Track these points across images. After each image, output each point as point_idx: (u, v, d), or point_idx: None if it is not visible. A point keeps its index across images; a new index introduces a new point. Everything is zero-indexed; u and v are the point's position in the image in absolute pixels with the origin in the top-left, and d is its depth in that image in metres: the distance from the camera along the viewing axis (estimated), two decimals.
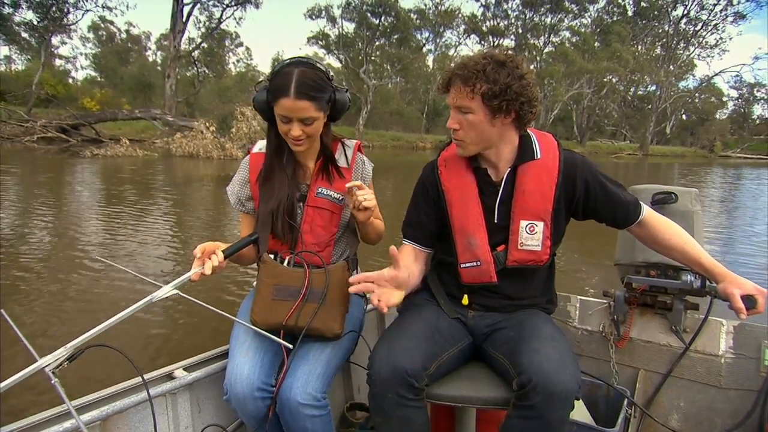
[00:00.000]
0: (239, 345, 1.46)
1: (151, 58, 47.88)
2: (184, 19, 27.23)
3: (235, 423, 1.59)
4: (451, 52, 46.25)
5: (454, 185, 1.48)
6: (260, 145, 1.64)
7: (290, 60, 1.46)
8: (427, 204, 1.53)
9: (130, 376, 1.36)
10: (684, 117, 56.65)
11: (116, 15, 50.16)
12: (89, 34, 45.18)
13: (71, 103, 27.61)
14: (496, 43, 41.45)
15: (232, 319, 1.28)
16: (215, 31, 35.41)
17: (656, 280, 1.78)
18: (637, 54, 42.17)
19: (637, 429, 1.82)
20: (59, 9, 28.77)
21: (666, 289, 1.78)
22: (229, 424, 1.58)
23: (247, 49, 52.59)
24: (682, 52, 47.03)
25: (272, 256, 1.57)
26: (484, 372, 1.44)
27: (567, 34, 43.84)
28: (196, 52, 35.49)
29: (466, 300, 1.52)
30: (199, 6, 30.01)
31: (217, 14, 32.61)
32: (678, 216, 1.65)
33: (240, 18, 42.56)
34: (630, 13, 45.39)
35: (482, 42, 42.95)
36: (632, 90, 48.42)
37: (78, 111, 24.49)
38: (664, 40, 45.59)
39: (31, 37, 32.76)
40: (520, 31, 42.59)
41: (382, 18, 37.54)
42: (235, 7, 31.63)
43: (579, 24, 44.20)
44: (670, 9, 44.28)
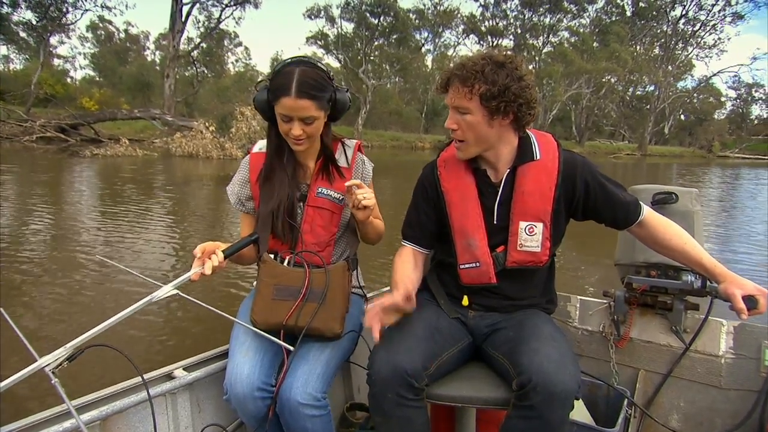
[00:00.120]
0: (239, 345, 1.46)
1: (149, 58, 47.93)
2: (183, 19, 27.24)
3: (235, 423, 1.58)
4: (450, 52, 46.33)
5: (454, 186, 1.47)
6: (260, 145, 1.64)
7: (291, 59, 1.46)
8: (426, 204, 1.53)
9: (130, 375, 1.36)
10: (682, 117, 56.75)
11: (115, 15, 50.18)
12: (88, 34, 45.19)
13: (70, 102, 27.53)
14: (494, 43, 41.49)
15: (232, 319, 1.28)
16: (214, 31, 35.38)
17: (657, 280, 1.77)
18: (635, 54, 42.25)
19: (637, 429, 1.82)
20: (58, 9, 28.73)
21: (666, 290, 1.78)
22: (229, 424, 1.58)
23: (245, 48, 52.75)
24: (680, 52, 47.13)
25: (272, 256, 1.57)
26: (484, 372, 1.43)
27: (566, 34, 44.03)
28: (195, 52, 35.47)
29: (466, 300, 1.52)
30: (198, 6, 30.06)
31: (216, 14, 32.68)
32: (678, 216, 1.65)
33: (239, 18, 42.52)
34: (629, 14, 45.47)
35: (481, 42, 43.02)
36: (631, 90, 48.52)
37: (77, 111, 24.41)
38: (663, 40, 45.68)
39: (29, 37, 32.71)
40: (519, 32, 42.64)
41: (381, 18, 37.58)
42: (235, 7, 31.65)
43: (578, 24, 44.39)
44: (668, 9, 44.40)
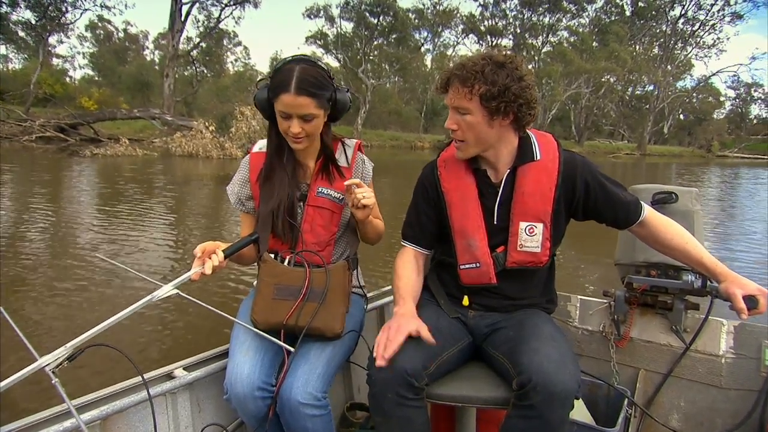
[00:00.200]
0: (239, 344, 1.45)
1: (148, 58, 47.91)
2: (183, 19, 27.22)
3: (235, 422, 1.58)
4: (450, 51, 46.38)
5: (454, 187, 1.47)
6: (260, 145, 1.64)
7: (292, 57, 1.46)
8: (427, 204, 1.53)
9: (130, 375, 1.35)
10: (681, 117, 56.79)
11: (115, 14, 50.14)
12: (87, 33, 45.18)
13: (69, 102, 27.52)
14: (494, 43, 41.49)
15: (232, 320, 1.28)
16: (213, 31, 35.36)
17: (657, 279, 1.77)
18: (634, 54, 42.27)
19: (638, 429, 1.82)
20: (57, 8, 28.71)
21: (667, 289, 1.78)
22: (229, 424, 1.58)
23: (245, 48, 52.62)
24: (679, 52, 47.14)
25: (272, 256, 1.56)
26: (484, 372, 1.43)
27: (565, 33, 44.05)
28: (194, 52, 35.44)
29: (466, 300, 1.52)
30: (198, 5, 30.04)
31: (216, 13, 32.66)
32: (678, 215, 1.65)
33: (239, 17, 42.52)
34: (628, 13, 45.50)
35: (480, 42, 43.05)
36: (630, 90, 48.56)
37: (76, 110, 24.40)
38: (662, 40, 45.70)
39: (28, 36, 32.69)
40: (519, 31, 42.66)
41: (381, 17, 37.60)
42: (234, 7, 31.63)
43: (577, 24, 44.42)
44: (667, 9, 44.42)
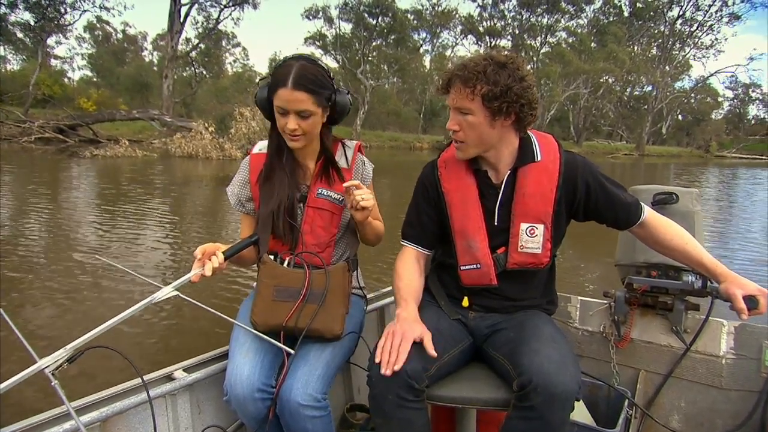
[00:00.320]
0: (239, 346, 1.45)
1: (147, 59, 47.81)
2: (182, 20, 27.20)
3: (235, 424, 1.58)
4: (448, 52, 46.46)
5: (455, 187, 1.47)
6: (260, 146, 1.64)
7: (294, 55, 1.48)
8: (427, 204, 1.53)
9: (130, 377, 1.35)
10: (680, 117, 56.86)
11: (114, 15, 50.00)
12: (85, 34, 45.11)
13: (68, 103, 27.45)
14: (492, 44, 41.51)
15: (232, 321, 1.27)
16: (212, 32, 35.34)
17: (657, 280, 1.77)
18: (633, 54, 42.32)
19: (638, 430, 1.82)
20: (56, 9, 28.68)
21: (667, 290, 1.77)
22: (229, 425, 1.57)
23: (243, 49, 52.56)
24: (677, 52, 47.21)
25: (272, 257, 1.56)
26: (485, 373, 1.43)
27: (563, 34, 44.09)
28: (193, 53, 35.41)
29: (467, 302, 1.51)
30: (197, 6, 30.03)
31: (215, 15, 32.65)
32: (679, 216, 1.65)
33: (237, 18, 42.58)
34: (626, 14, 45.57)
35: (479, 42, 43.10)
36: (628, 90, 48.60)
37: (75, 111, 24.36)
38: (660, 40, 45.77)
39: (26, 37, 32.66)
40: (517, 32, 42.69)
41: (379, 18, 37.60)
42: (233, 8, 31.62)
43: (575, 24, 44.47)
44: (665, 10, 44.48)
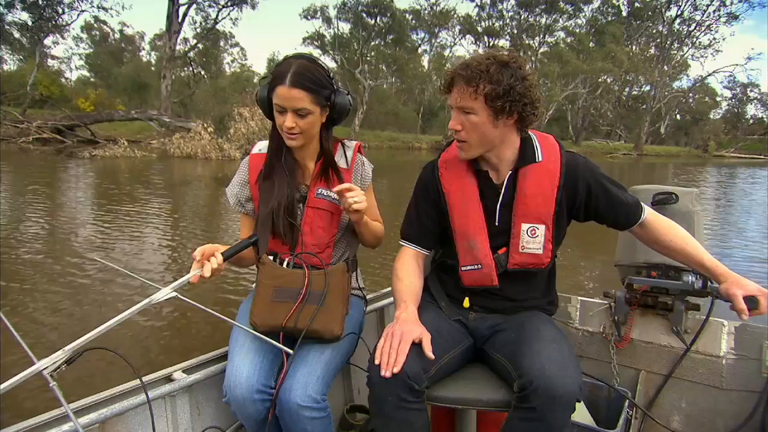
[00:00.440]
0: (238, 347, 1.45)
1: (145, 59, 47.70)
2: (180, 20, 27.14)
3: (235, 425, 1.57)
4: (447, 52, 46.42)
5: (456, 188, 1.46)
6: (260, 146, 1.64)
7: (294, 54, 1.48)
8: (427, 204, 1.52)
9: (129, 378, 1.34)
10: (678, 117, 56.89)
11: (111, 15, 49.98)
12: (83, 34, 45.00)
13: (65, 103, 27.41)
14: (491, 44, 41.52)
15: (231, 322, 1.27)
16: (210, 32, 35.29)
17: (657, 280, 1.77)
18: (631, 54, 42.27)
19: (639, 431, 1.82)
20: (53, 9, 28.62)
21: (667, 290, 1.77)
22: (229, 427, 1.57)
23: (241, 49, 52.47)
24: (676, 52, 47.19)
25: (271, 258, 1.56)
26: (485, 374, 1.43)
27: (562, 34, 44.19)
28: (191, 53, 35.35)
29: (467, 302, 1.51)
30: (195, 6, 29.98)
31: (213, 14, 32.60)
32: (679, 216, 1.64)
33: (236, 18, 42.54)
34: (624, 14, 45.60)
35: (477, 42, 43.08)
36: (627, 90, 48.61)
37: (72, 112, 24.30)
38: (658, 40, 45.76)
39: (23, 37, 32.60)
40: (515, 32, 42.73)
41: (378, 18, 37.61)
42: (231, 8, 31.58)
43: (574, 24, 44.53)
44: (663, 9, 44.46)
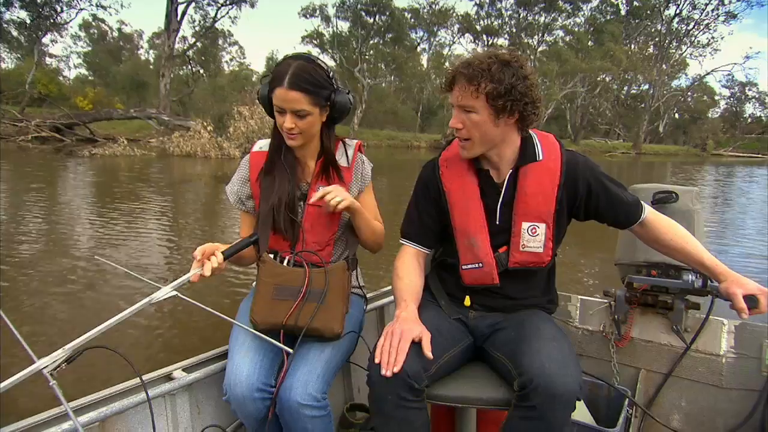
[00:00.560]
0: (238, 345, 1.45)
1: (143, 57, 47.63)
2: (179, 18, 27.05)
3: (235, 424, 1.57)
4: (445, 51, 46.39)
5: (456, 186, 1.46)
6: (260, 144, 1.64)
7: (294, 54, 1.48)
8: (428, 203, 1.52)
9: (129, 377, 1.34)
10: (677, 116, 56.88)
11: (110, 14, 49.77)
12: (81, 33, 44.90)
13: (64, 102, 27.35)
14: (490, 43, 41.51)
15: (232, 321, 1.27)
16: (209, 31, 35.22)
17: (657, 279, 1.77)
18: (630, 53, 42.29)
19: (639, 429, 1.82)
20: (52, 8, 28.54)
21: (667, 289, 1.77)
22: (229, 425, 1.57)
23: (240, 47, 52.45)
24: (674, 51, 47.20)
25: (272, 256, 1.56)
26: (485, 372, 1.43)
27: (560, 33, 44.14)
28: (190, 52, 35.28)
29: (468, 301, 1.51)
30: (194, 5, 29.89)
31: (212, 13, 32.51)
32: (679, 215, 1.65)
33: (235, 17, 42.40)
34: (623, 13, 45.60)
35: (476, 41, 43.06)
36: (625, 89, 48.66)
37: (71, 110, 24.26)
38: (657, 39, 45.74)
39: (21, 35, 32.52)
40: (514, 30, 42.71)
41: (377, 17, 37.57)
42: (231, 6, 31.50)
43: (572, 23, 44.50)
44: (662, 8, 44.45)
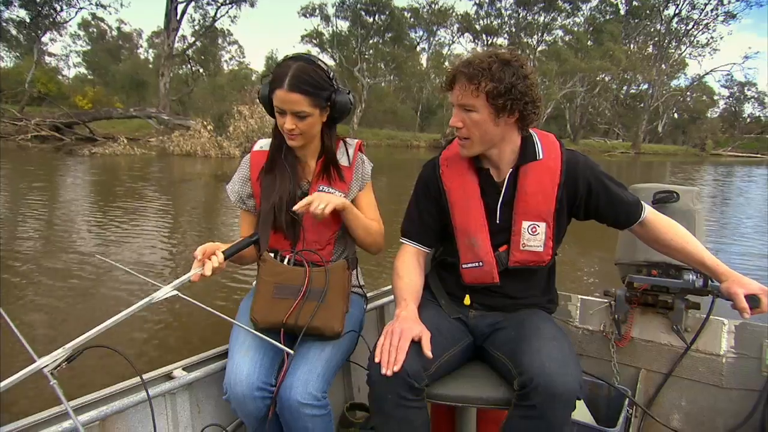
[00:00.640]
0: (239, 344, 1.45)
1: (142, 56, 47.57)
2: (178, 17, 27.01)
3: (235, 423, 1.57)
4: (445, 50, 46.41)
5: (457, 185, 1.47)
6: (261, 144, 1.64)
7: (294, 55, 1.48)
8: (428, 202, 1.52)
9: (129, 376, 1.34)
10: (676, 115, 56.88)
11: (110, 13, 49.69)
12: (80, 32, 44.83)
13: (63, 101, 27.28)
14: (489, 42, 41.52)
15: (232, 321, 1.27)
16: (209, 31, 35.17)
17: (658, 279, 1.77)
18: (629, 53, 42.32)
19: (639, 429, 1.82)
20: (51, 7, 28.49)
21: (668, 289, 1.77)
22: (229, 424, 1.57)
23: (239, 47, 52.41)
24: (673, 51, 47.20)
25: (272, 255, 1.56)
26: (485, 372, 1.43)
27: (560, 32, 44.14)
28: (190, 51, 35.24)
29: (468, 300, 1.51)
30: (194, 4, 29.85)
31: (212, 12, 32.47)
32: (679, 215, 1.65)
33: (234, 16, 42.33)
34: (622, 12, 45.62)
35: (476, 41, 43.08)
36: (625, 88, 48.67)
37: (70, 109, 24.23)
38: (656, 38, 45.74)
39: (20, 34, 32.47)
40: (514, 30, 42.71)
41: (376, 16, 37.58)
42: (230, 5, 31.46)
43: (572, 23, 44.50)
44: (661, 8, 44.46)
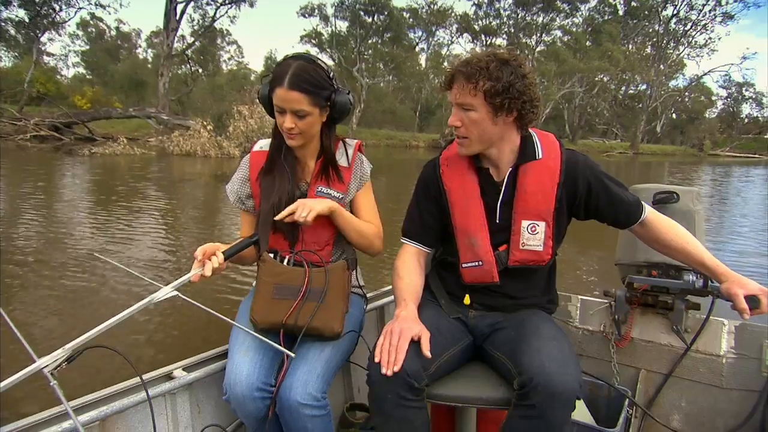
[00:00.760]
0: (239, 345, 1.45)
1: (141, 56, 47.49)
2: (178, 17, 26.97)
3: (235, 423, 1.57)
4: (444, 51, 46.44)
5: (457, 185, 1.47)
6: (261, 144, 1.64)
7: (294, 54, 1.48)
8: (428, 202, 1.52)
9: (129, 376, 1.34)
10: (674, 116, 56.92)
11: (109, 13, 49.54)
12: (78, 32, 44.71)
13: (62, 101, 27.24)
14: (488, 42, 41.55)
15: (231, 322, 1.27)
16: (208, 31, 35.15)
17: (658, 279, 1.77)
18: (627, 53, 42.39)
19: (639, 429, 1.82)
20: (50, 7, 28.46)
21: (668, 289, 1.77)
22: (229, 425, 1.57)
23: (238, 47, 52.36)
24: (672, 51, 47.27)
25: (272, 255, 1.55)
26: (485, 372, 1.43)
27: (559, 33, 44.21)
28: (189, 51, 35.20)
29: (468, 300, 1.51)
30: (193, 4, 29.82)
31: (211, 12, 32.45)
32: (679, 215, 1.65)
33: (234, 16, 42.38)
34: (621, 13, 45.70)
35: (475, 41, 43.13)
36: (623, 89, 48.73)
37: (69, 109, 24.20)
38: (655, 39, 45.84)
39: (18, 34, 32.41)
40: (512, 30, 42.75)
41: (375, 16, 37.60)
42: (230, 5, 31.44)
43: (570, 23, 44.57)
44: (660, 9, 44.56)
